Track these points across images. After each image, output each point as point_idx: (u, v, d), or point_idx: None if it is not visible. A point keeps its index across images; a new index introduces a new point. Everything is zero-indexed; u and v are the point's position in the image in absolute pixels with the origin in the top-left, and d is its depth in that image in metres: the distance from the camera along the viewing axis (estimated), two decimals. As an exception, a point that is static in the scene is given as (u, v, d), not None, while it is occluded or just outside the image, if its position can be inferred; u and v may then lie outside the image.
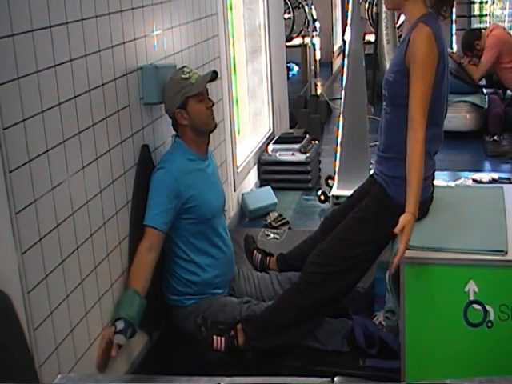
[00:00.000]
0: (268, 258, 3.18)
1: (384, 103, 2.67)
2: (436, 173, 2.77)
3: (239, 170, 4.43)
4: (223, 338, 2.67)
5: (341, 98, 4.61)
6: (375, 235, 2.65)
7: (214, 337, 2.67)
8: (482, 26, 9.79)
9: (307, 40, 8.37)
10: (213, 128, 2.86)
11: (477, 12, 10.21)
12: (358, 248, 2.65)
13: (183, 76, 2.77)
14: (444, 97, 2.62)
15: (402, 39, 2.62)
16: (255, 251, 3.21)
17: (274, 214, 4.43)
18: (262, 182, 5.01)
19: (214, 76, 2.81)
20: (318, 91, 7.90)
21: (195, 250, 2.85)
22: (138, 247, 2.63)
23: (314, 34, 8.41)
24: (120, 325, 2.41)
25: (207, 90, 2.85)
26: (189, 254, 2.84)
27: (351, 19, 4.51)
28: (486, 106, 6.27)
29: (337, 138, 4.61)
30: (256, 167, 5.06)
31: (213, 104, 2.85)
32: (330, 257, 2.69)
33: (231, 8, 4.49)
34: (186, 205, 2.75)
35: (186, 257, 2.84)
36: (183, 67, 2.85)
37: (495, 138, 6.03)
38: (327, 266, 2.68)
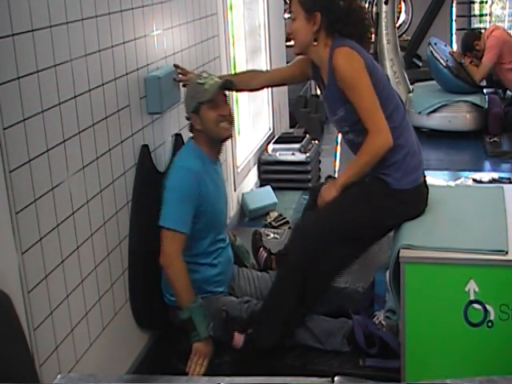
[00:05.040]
0: (272, 258, 3.18)
1: (351, 136, 2.69)
2: (436, 173, 2.78)
3: (239, 170, 4.43)
4: (243, 336, 2.67)
5: (341, 98, 4.61)
6: (373, 214, 2.65)
7: (235, 333, 2.66)
8: (481, 25, 9.80)
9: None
10: (225, 136, 2.82)
11: (477, 12, 10.21)
12: (354, 214, 2.63)
13: (199, 81, 2.78)
14: (391, 96, 2.67)
15: (327, 79, 2.66)
16: (261, 249, 3.21)
17: (273, 214, 4.43)
18: (262, 182, 5.01)
19: (228, 85, 2.81)
20: (318, 91, 7.88)
21: (196, 249, 2.84)
22: (171, 255, 2.64)
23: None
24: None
25: (226, 97, 2.82)
26: (190, 252, 2.84)
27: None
28: (486, 106, 6.27)
29: (337, 138, 4.62)
30: (256, 167, 5.06)
31: (229, 112, 2.80)
32: (324, 220, 2.64)
33: (231, 8, 4.49)
34: (199, 208, 2.74)
35: (186, 254, 2.83)
36: (202, 72, 2.87)
37: (495, 137, 6.03)
38: (320, 228, 2.62)
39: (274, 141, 5.31)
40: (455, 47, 8.74)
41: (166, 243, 2.64)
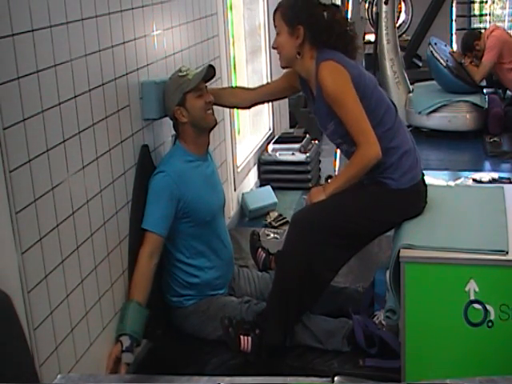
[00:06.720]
0: (271, 258, 3.18)
1: (346, 146, 2.72)
2: (436, 173, 2.78)
3: (239, 170, 4.43)
4: (250, 338, 2.64)
5: (341, 98, 4.60)
6: (373, 211, 2.66)
7: (241, 337, 2.64)
8: (481, 25, 9.80)
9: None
10: (213, 125, 2.85)
11: (477, 12, 10.21)
12: (354, 210, 2.64)
13: (180, 74, 2.80)
14: (381, 100, 2.68)
15: (316, 93, 2.67)
16: (260, 249, 3.20)
17: (274, 214, 4.42)
18: (262, 182, 5.01)
19: (210, 71, 2.81)
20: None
21: (195, 253, 2.85)
22: (139, 253, 2.62)
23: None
24: (126, 342, 2.42)
25: (206, 86, 2.85)
26: (188, 256, 2.84)
27: (351, 19, 4.51)
28: (486, 106, 6.27)
29: (337, 138, 4.61)
30: (256, 167, 5.06)
31: (212, 99, 2.84)
32: (322, 208, 2.65)
33: (231, 8, 4.49)
34: (186, 208, 2.75)
35: (185, 260, 2.84)
36: (180, 67, 2.87)
37: (495, 137, 6.03)
38: (316, 214, 2.64)
39: (274, 141, 5.30)
40: (455, 47, 8.73)
41: (144, 244, 2.65)
